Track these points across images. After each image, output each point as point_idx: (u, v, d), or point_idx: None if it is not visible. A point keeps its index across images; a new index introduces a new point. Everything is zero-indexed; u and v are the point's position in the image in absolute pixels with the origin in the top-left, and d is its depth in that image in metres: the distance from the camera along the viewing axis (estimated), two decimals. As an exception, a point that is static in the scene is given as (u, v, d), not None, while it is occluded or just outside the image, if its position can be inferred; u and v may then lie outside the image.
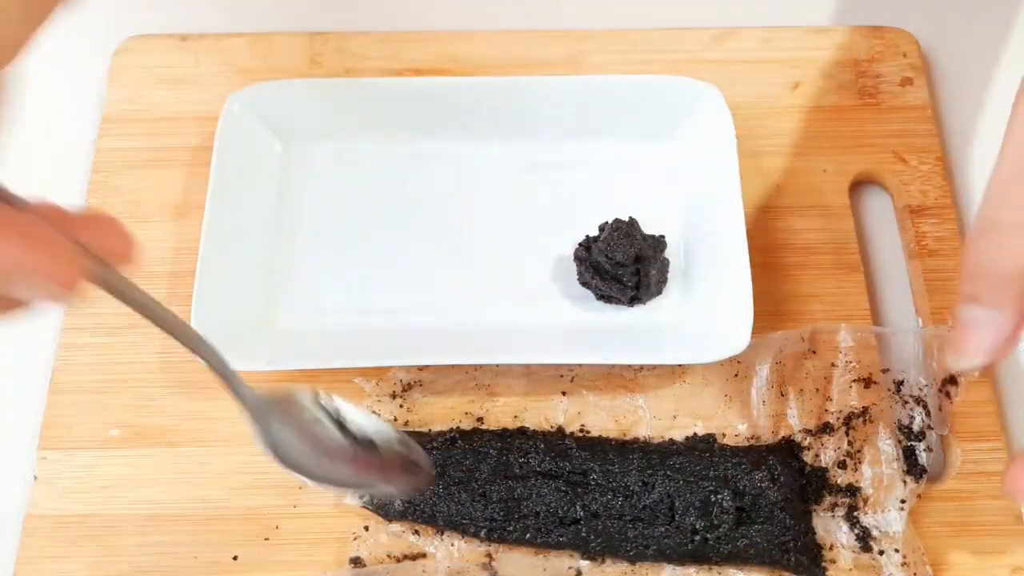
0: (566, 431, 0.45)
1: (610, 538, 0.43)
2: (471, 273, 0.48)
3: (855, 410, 0.45)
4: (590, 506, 0.43)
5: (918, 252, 0.49)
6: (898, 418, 0.45)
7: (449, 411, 0.46)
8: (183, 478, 0.45)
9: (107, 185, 0.51)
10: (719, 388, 0.46)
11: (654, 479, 0.43)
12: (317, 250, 0.49)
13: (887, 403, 0.45)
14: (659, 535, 0.42)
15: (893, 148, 0.52)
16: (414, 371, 0.46)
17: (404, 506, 0.43)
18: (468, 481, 0.44)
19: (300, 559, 0.43)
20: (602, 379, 0.47)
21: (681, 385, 0.47)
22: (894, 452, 0.44)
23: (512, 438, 0.45)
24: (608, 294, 0.47)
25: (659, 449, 0.45)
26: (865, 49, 0.55)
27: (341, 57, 0.54)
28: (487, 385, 0.47)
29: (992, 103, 0.55)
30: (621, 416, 0.46)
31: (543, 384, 0.47)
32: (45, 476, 0.45)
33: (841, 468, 0.44)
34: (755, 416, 0.46)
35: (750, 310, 0.44)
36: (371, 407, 0.46)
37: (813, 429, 0.45)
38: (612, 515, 0.43)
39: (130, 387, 0.47)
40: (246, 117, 0.49)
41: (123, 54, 0.54)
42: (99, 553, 0.43)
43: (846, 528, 0.43)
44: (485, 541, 0.43)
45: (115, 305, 0.48)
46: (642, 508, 0.43)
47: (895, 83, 0.54)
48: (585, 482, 0.44)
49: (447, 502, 0.43)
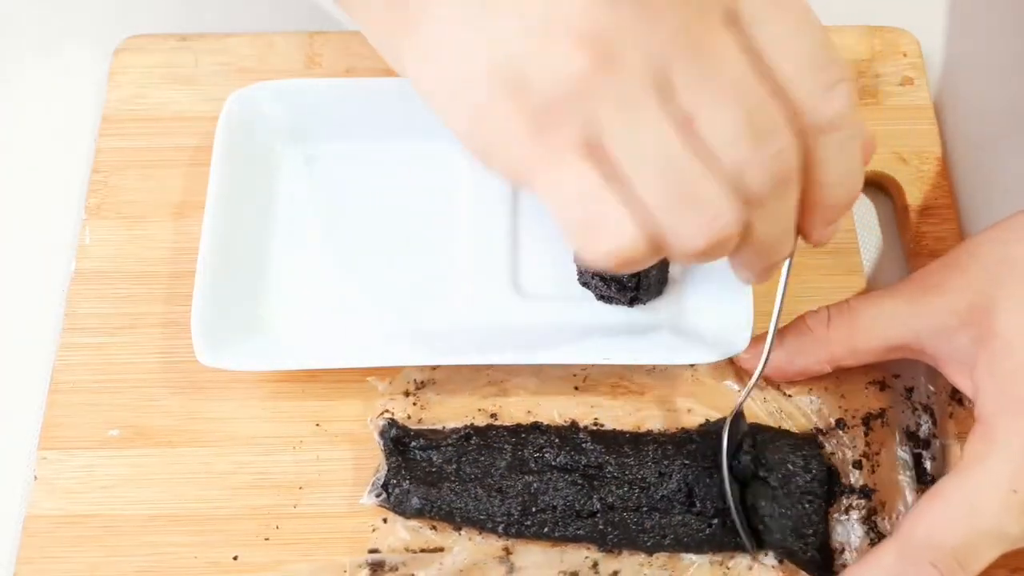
0: (580, 425, 0.46)
1: (627, 529, 0.43)
2: (471, 273, 0.48)
3: (873, 411, 0.45)
4: (606, 498, 0.43)
5: (918, 252, 0.49)
6: (906, 424, 0.45)
7: (462, 408, 0.46)
8: (183, 478, 0.45)
9: (107, 185, 0.51)
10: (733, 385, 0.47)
11: (671, 469, 0.43)
12: (318, 249, 0.49)
13: (899, 408, 0.46)
14: (676, 523, 0.43)
15: (893, 148, 0.52)
16: (427, 370, 0.47)
17: (421, 503, 0.43)
18: (484, 477, 0.44)
19: (300, 559, 0.43)
20: (615, 376, 0.47)
21: (694, 384, 0.47)
22: (909, 458, 0.44)
23: (526, 433, 0.45)
24: (608, 294, 0.47)
25: (673, 439, 0.45)
26: (865, 49, 0.55)
27: (341, 57, 0.54)
28: (500, 382, 0.47)
29: (992, 103, 0.55)
30: (634, 410, 0.46)
31: (554, 384, 0.47)
32: (45, 476, 0.45)
33: (856, 468, 0.44)
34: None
35: (750, 310, 0.44)
36: (384, 406, 0.46)
37: (824, 428, 0.45)
38: (629, 507, 0.43)
39: (130, 387, 0.47)
40: (246, 117, 0.49)
41: (123, 54, 0.54)
42: (99, 553, 0.43)
43: (861, 532, 0.43)
44: (503, 536, 0.43)
45: (115, 305, 0.48)
46: (659, 498, 0.43)
47: (895, 83, 0.54)
48: (601, 475, 0.44)
49: (464, 499, 0.43)
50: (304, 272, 0.48)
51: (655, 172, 0.30)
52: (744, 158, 0.30)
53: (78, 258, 0.49)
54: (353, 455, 0.45)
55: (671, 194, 0.30)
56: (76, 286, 0.49)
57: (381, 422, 0.45)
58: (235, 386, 0.46)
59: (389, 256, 0.49)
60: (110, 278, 0.49)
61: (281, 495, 0.45)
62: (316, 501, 0.44)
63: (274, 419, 0.46)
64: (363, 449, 0.45)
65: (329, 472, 0.45)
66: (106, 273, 0.49)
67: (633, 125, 0.30)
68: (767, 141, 0.30)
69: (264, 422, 0.46)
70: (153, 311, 0.48)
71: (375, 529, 0.43)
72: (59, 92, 0.55)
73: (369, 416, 0.45)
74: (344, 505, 0.44)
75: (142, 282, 0.49)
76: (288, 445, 0.46)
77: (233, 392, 0.46)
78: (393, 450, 0.44)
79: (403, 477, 0.43)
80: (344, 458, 0.45)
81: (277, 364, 0.45)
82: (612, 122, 0.30)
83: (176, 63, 0.54)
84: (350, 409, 0.46)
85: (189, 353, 0.43)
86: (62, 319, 0.48)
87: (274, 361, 0.45)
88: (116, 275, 0.49)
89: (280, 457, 0.45)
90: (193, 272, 0.45)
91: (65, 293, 0.49)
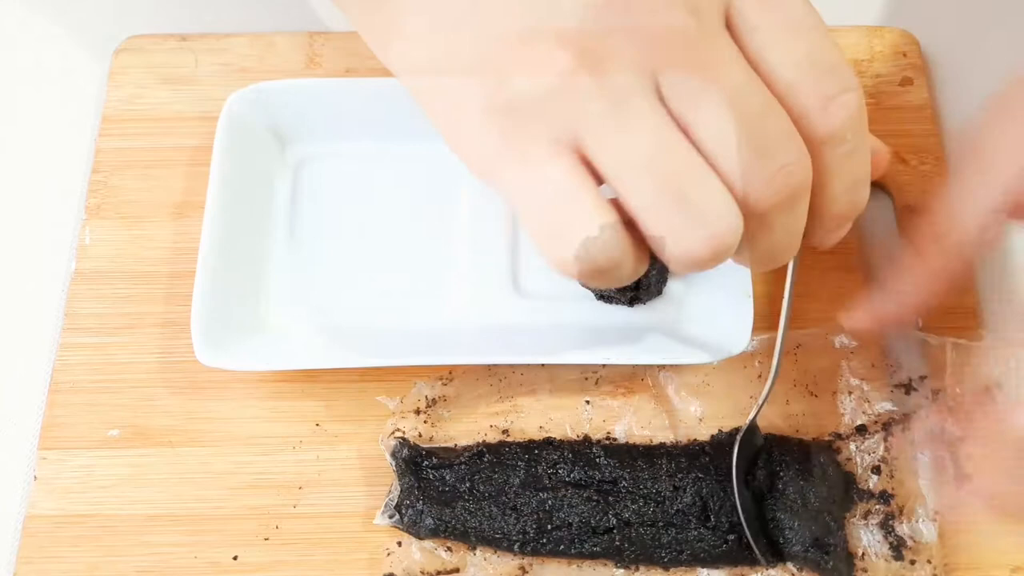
0: (592, 439, 0.45)
1: (644, 545, 0.42)
2: (471, 273, 0.48)
3: (895, 416, 0.45)
4: (622, 514, 0.43)
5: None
6: (932, 428, 0.45)
7: (474, 425, 0.46)
8: (183, 478, 0.45)
9: (107, 185, 0.51)
10: (743, 390, 0.46)
11: (684, 482, 0.43)
12: (318, 249, 0.49)
13: (925, 411, 0.45)
14: (692, 538, 0.42)
15: (893, 148, 0.52)
16: (438, 386, 0.46)
17: (435, 524, 0.42)
18: (498, 495, 0.43)
19: (300, 559, 0.43)
20: (624, 382, 0.47)
21: (704, 387, 0.46)
22: (931, 462, 0.44)
23: (539, 449, 0.44)
24: (608, 294, 0.47)
25: (686, 451, 0.44)
26: (865, 49, 0.55)
27: (341, 57, 0.54)
28: (511, 397, 0.46)
29: (992, 103, 0.55)
30: (646, 422, 0.46)
31: (564, 395, 0.46)
32: (45, 476, 0.45)
33: (875, 473, 0.44)
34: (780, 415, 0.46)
35: (750, 310, 0.44)
36: (395, 424, 0.45)
37: (844, 433, 0.45)
38: (645, 522, 0.43)
39: (130, 387, 0.47)
40: (246, 117, 0.49)
41: (123, 54, 0.54)
42: (99, 553, 0.43)
43: (880, 536, 0.43)
44: (519, 555, 0.43)
45: (115, 305, 0.48)
46: (675, 512, 0.43)
47: (895, 83, 0.54)
48: (616, 490, 0.43)
49: (478, 517, 0.43)
50: (304, 272, 0.48)
51: (646, 174, 0.29)
52: (747, 170, 0.29)
53: (78, 258, 0.49)
54: (355, 454, 0.45)
55: (663, 197, 0.29)
56: (76, 286, 0.49)
57: (392, 442, 0.44)
58: (235, 386, 0.46)
59: (389, 256, 0.49)
60: (110, 278, 0.49)
61: (281, 495, 0.45)
62: (316, 501, 0.44)
63: (274, 419, 0.46)
64: (366, 453, 0.45)
65: (329, 472, 0.45)
66: (106, 273, 0.49)
67: (623, 127, 0.28)
68: (772, 155, 0.29)
69: (264, 422, 0.46)
70: (153, 311, 0.48)
71: (390, 553, 0.43)
72: (59, 92, 0.55)
73: (380, 436, 0.45)
74: (344, 506, 0.44)
75: (142, 282, 0.49)
76: (288, 445, 0.45)
77: (233, 392, 0.46)
78: (405, 470, 0.43)
79: (416, 498, 0.43)
80: (344, 458, 0.45)
81: (277, 364, 0.45)
82: (598, 124, 0.29)
83: (176, 63, 0.54)
84: (350, 409, 0.46)
85: (189, 353, 0.43)
86: (62, 319, 0.48)
87: (274, 361, 0.45)
88: (116, 275, 0.49)
89: (280, 457, 0.45)
90: (193, 272, 0.45)
91: (65, 293, 0.49)
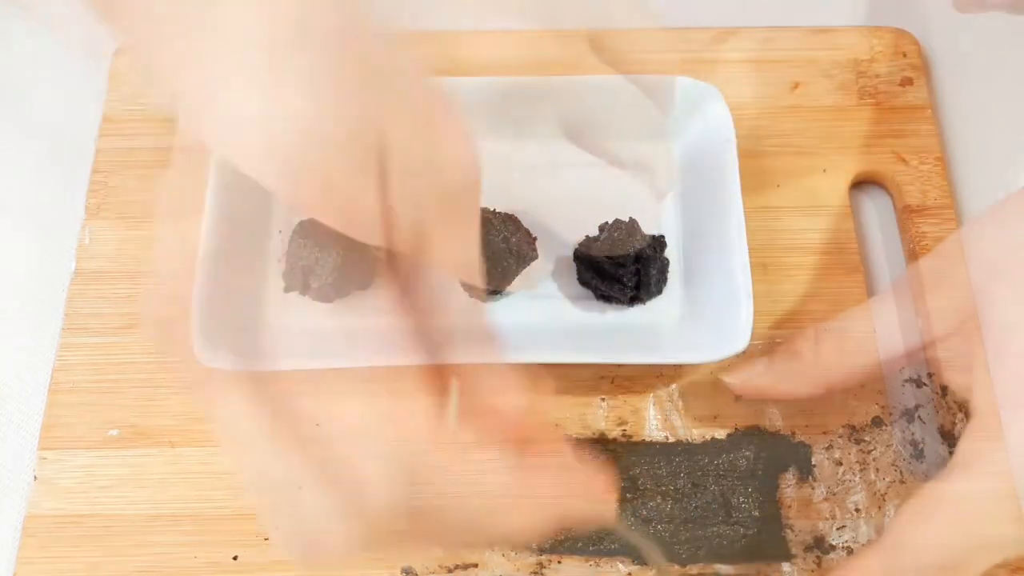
0: (608, 436, 0.45)
1: (662, 542, 0.43)
2: (471, 273, 0.48)
3: (909, 408, 0.45)
4: (640, 511, 0.43)
5: (918, 252, 0.49)
6: (941, 423, 0.45)
7: None
8: (183, 478, 0.45)
9: (107, 185, 0.51)
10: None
11: (704, 480, 0.44)
12: (317, 250, 0.49)
13: (934, 406, 0.46)
14: (711, 535, 0.43)
15: (893, 148, 0.52)
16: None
17: None
18: None
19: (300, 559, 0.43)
20: (639, 379, 0.47)
21: (717, 386, 0.46)
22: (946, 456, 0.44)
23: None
24: (608, 294, 0.47)
25: (704, 449, 0.45)
26: (865, 49, 0.55)
27: (341, 57, 0.54)
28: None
29: (992, 103, 0.55)
30: (662, 419, 0.46)
31: (575, 395, 0.46)
32: (45, 476, 0.45)
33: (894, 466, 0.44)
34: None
35: (750, 310, 0.44)
36: None
37: (858, 426, 0.45)
38: (663, 519, 0.43)
39: (130, 387, 0.47)
40: (246, 117, 0.49)
41: (123, 54, 0.54)
42: (99, 553, 0.43)
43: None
44: (536, 552, 0.43)
45: (115, 305, 0.48)
46: (694, 508, 0.43)
47: (895, 83, 0.54)
48: (634, 487, 0.44)
49: None
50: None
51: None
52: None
53: (78, 258, 0.49)
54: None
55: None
56: (76, 286, 0.49)
57: None
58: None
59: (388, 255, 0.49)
60: (110, 278, 0.49)
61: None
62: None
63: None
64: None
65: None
66: (106, 273, 0.49)
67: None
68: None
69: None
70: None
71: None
72: (59, 92, 0.55)
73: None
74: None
75: (142, 282, 0.49)
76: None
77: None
78: None
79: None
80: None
81: (276, 364, 0.45)
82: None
83: (176, 63, 0.54)
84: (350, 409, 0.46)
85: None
86: (62, 319, 0.48)
87: (273, 361, 0.45)
88: (116, 275, 0.49)
89: (280, 457, 0.45)
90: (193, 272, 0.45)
91: (65, 293, 0.49)
